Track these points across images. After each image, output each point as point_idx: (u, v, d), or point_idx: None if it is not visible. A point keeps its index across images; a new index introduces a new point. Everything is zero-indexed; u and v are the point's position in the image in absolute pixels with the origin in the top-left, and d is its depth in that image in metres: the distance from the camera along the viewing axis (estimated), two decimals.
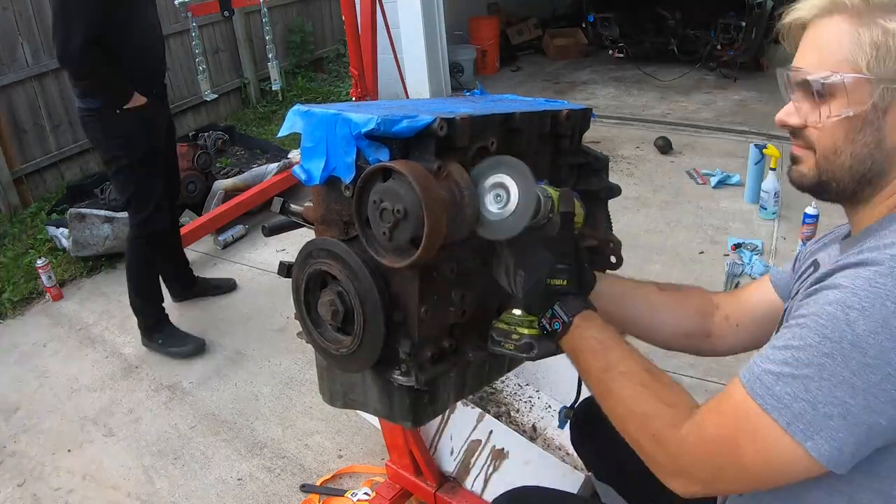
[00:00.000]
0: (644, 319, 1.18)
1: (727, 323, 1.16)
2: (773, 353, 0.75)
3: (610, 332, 0.93)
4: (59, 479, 2.36)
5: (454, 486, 1.93)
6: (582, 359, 0.93)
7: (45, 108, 4.56)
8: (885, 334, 0.68)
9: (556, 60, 6.97)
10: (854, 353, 0.69)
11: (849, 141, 0.83)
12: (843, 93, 0.81)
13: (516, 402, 2.13)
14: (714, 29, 5.63)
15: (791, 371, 0.72)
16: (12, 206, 4.40)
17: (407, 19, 5.48)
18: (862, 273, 0.72)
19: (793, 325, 0.75)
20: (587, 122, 1.17)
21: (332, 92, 6.27)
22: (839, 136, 0.83)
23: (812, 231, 3.06)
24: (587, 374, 0.93)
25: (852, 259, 0.75)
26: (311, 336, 0.99)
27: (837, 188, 0.86)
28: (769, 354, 0.75)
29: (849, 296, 0.71)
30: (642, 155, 4.47)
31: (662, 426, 0.82)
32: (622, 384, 0.87)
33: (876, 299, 0.69)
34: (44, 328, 3.28)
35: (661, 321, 1.18)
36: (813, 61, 0.84)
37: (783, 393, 0.72)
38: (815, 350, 0.71)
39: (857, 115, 0.81)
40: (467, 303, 0.97)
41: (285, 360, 2.83)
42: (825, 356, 0.70)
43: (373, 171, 0.82)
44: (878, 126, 0.81)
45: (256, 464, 2.32)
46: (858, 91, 0.81)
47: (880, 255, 0.73)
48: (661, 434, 0.82)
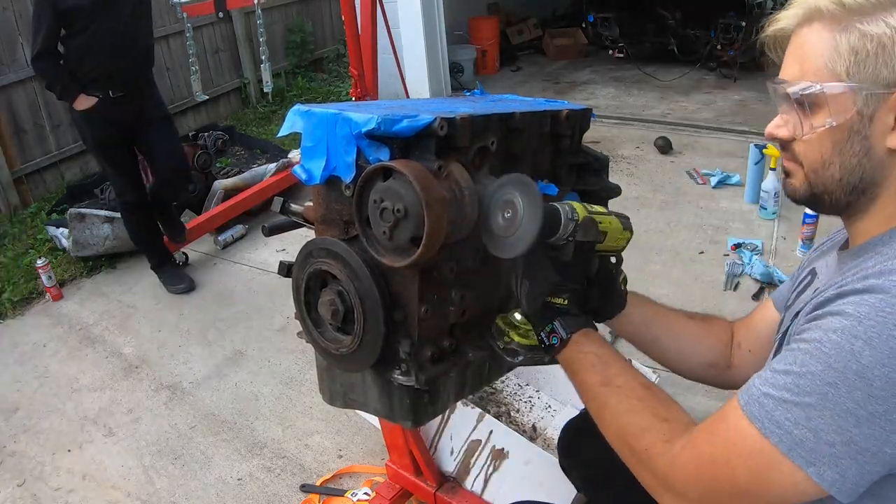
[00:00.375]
0: (671, 345, 1.18)
1: (741, 350, 1.16)
2: (774, 377, 0.73)
3: (608, 349, 0.93)
4: (59, 479, 2.36)
5: (454, 486, 1.93)
6: (579, 374, 0.92)
7: (45, 108, 4.56)
8: (892, 365, 0.66)
9: (556, 60, 6.97)
10: (859, 384, 0.67)
11: (836, 152, 0.81)
12: (825, 103, 0.79)
13: (516, 402, 2.13)
14: (714, 29, 5.63)
15: (792, 398, 0.71)
16: (12, 206, 4.41)
17: (407, 19, 5.48)
18: (868, 300, 0.70)
19: (794, 349, 0.74)
20: (587, 122, 1.17)
21: (332, 92, 6.27)
22: (826, 148, 0.81)
23: (812, 231, 3.06)
24: (584, 389, 0.92)
25: (858, 285, 0.73)
26: (311, 336, 0.99)
27: (830, 200, 0.85)
28: (769, 378, 0.74)
29: (854, 324, 0.69)
30: (642, 155, 4.47)
31: (655, 440, 0.81)
32: (618, 398, 0.87)
33: (882, 329, 0.67)
34: (44, 328, 3.28)
35: (687, 349, 1.18)
36: (795, 72, 0.83)
37: (783, 419, 0.71)
38: (818, 378, 0.69)
39: (842, 125, 0.79)
40: (467, 303, 0.97)
41: (285, 360, 2.83)
42: (829, 385, 0.69)
43: (373, 171, 0.82)
44: (866, 134, 0.79)
45: (256, 464, 2.32)
46: (840, 100, 0.78)
47: (886, 283, 0.71)
48: (653, 448, 0.81)
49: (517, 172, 0.84)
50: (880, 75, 0.77)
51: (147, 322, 3.23)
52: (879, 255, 0.79)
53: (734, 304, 2.85)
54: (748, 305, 2.82)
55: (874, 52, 0.76)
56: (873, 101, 0.77)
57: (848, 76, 0.78)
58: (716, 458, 0.75)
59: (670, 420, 0.83)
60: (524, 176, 0.83)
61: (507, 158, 0.98)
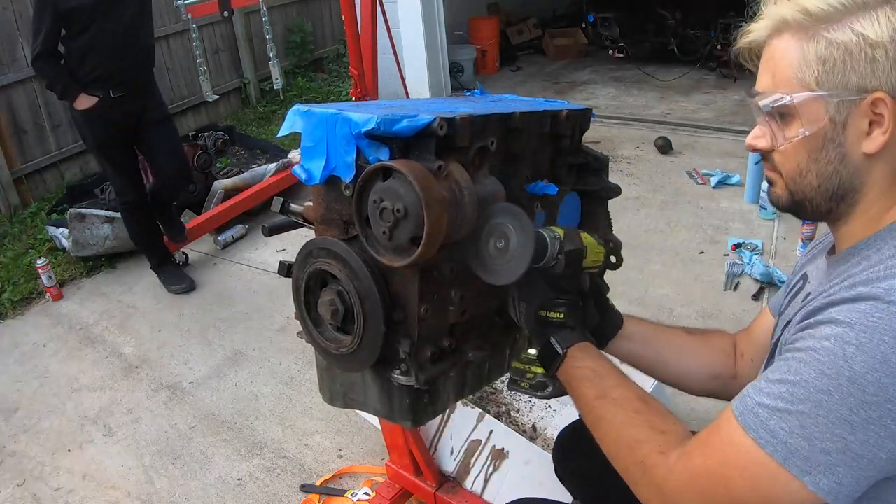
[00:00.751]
0: (673, 361, 1.18)
1: (744, 360, 1.16)
2: (768, 387, 0.73)
3: (605, 362, 0.93)
4: (59, 479, 2.37)
5: (454, 486, 1.93)
6: (576, 387, 0.93)
7: (45, 108, 4.56)
8: (884, 370, 0.66)
9: (556, 60, 6.97)
10: (852, 390, 0.67)
11: (812, 161, 0.81)
12: (797, 113, 0.80)
13: (516, 402, 2.13)
14: (714, 29, 5.64)
15: (786, 406, 0.71)
16: (12, 206, 4.41)
17: (407, 19, 5.48)
18: (858, 307, 0.70)
19: (788, 357, 0.74)
20: (587, 122, 1.17)
21: (332, 92, 6.27)
22: (802, 157, 0.82)
23: (812, 231, 3.06)
24: (581, 402, 0.93)
25: (847, 294, 0.73)
26: (311, 336, 0.99)
27: (812, 207, 0.85)
28: (763, 387, 0.74)
29: (846, 331, 0.69)
30: (642, 155, 4.47)
31: (651, 452, 0.81)
32: (615, 410, 0.87)
33: (874, 334, 0.68)
34: (44, 328, 3.28)
35: (689, 363, 1.18)
36: (768, 84, 0.83)
37: (778, 428, 0.70)
38: (812, 386, 0.69)
39: (816, 134, 0.79)
40: (467, 303, 0.97)
41: (285, 360, 2.83)
42: (822, 392, 0.69)
43: (373, 171, 0.82)
44: (840, 141, 0.79)
45: (256, 464, 2.32)
46: (811, 109, 0.79)
47: (875, 290, 0.71)
48: (648, 460, 0.80)
49: (515, 180, 0.85)
50: (850, 82, 0.76)
51: (147, 322, 3.23)
52: (867, 260, 0.79)
53: (734, 304, 2.85)
54: (748, 305, 2.82)
55: (841, 59, 0.76)
56: (845, 108, 0.77)
57: (818, 85, 0.78)
58: (712, 470, 0.75)
59: (667, 432, 0.82)
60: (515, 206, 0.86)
61: (507, 158, 0.98)
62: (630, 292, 2.90)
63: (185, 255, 3.70)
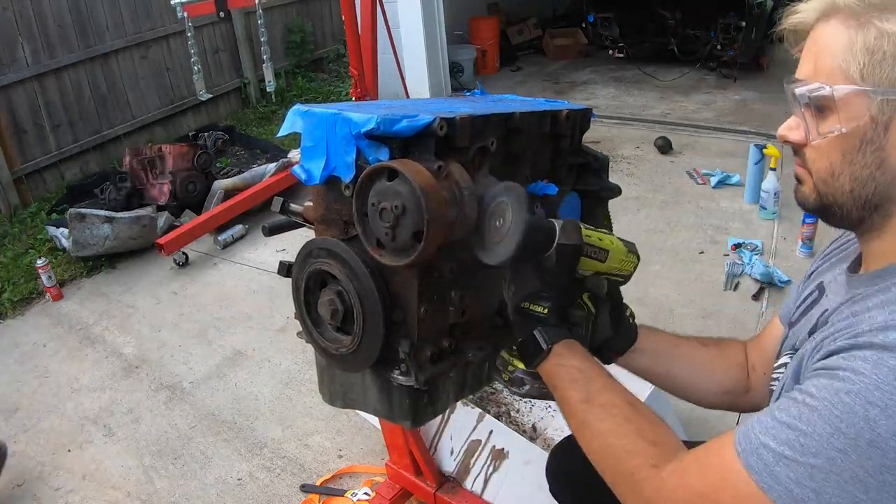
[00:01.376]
0: (685, 375, 1.14)
1: (756, 373, 1.11)
2: (775, 428, 0.68)
3: (591, 363, 0.88)
4: (59, 479, 2.36)
5: (454, 486, 1.93)
6: (560, 388, 0.87)
7: (45, 108, 4.56)
8: None
9: (556, 60, 6.97)
10: (872, 453, 0.62)
11: (847, 162, 0.74)
12: (835, 107, 0.72)
13: (516, 402, 2.13)
14: (714, 29, 5.63)
15: (794, 455, 0.65)
16: (12, 206, 4.41)
17: (407, 19, 5.48)
18: (888, 362, 0.64)
19: (800, 402, 0.68)
20: (587, 122, 1.17)
21: (332, 92, 6.27)
22: (836, 157, 0.75)
23: (812, 231, 3.06)
24: (565, 405, 0.87)
25: (877, 339, 0.66)
26: (311, 336, 0.99)
27: (841, 213, 0.78)
28: (769, 426, 0.68)
29: (871, 390, 0.63)
30: (642, 155, 4.47)
31: (641, 465, 0.76)
32: (601, 417, 0.81)
33: None
34: (44, 328, 3.28)
35: (702, 377, 1.13)
36: (808, 71, 0.76)
37: (784, 476, 0.66)
38: (826, 442, 0.64)
39: (853, 132, 0.72)
40: (467, 303, 0.96)
41: (285, 360, 2.83)
42: (838, 451, 0.63)
43: (373, 171, 0.82)
44: (880, 144, 0.71)
45: (256, 464, 2.32)
46: (852, 104, 0.71)
47: None
48: (639, 473, 0.76)
49: (515, 181, 0.85)
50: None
51: (147, 322, 3.23)
52: None
53: (734, 304, 2.85)
54: (748, 305, 2.83)
55: (892, 52, 0.69)
56: (889, 108, 0.70)
57: (862, 78, 0.71)
58: (706, 494, 0.71)
59: (658, 443, 0.77)
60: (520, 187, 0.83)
61: (506, 158, 0.98)
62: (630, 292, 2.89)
63: (185, 255, 3.69)
